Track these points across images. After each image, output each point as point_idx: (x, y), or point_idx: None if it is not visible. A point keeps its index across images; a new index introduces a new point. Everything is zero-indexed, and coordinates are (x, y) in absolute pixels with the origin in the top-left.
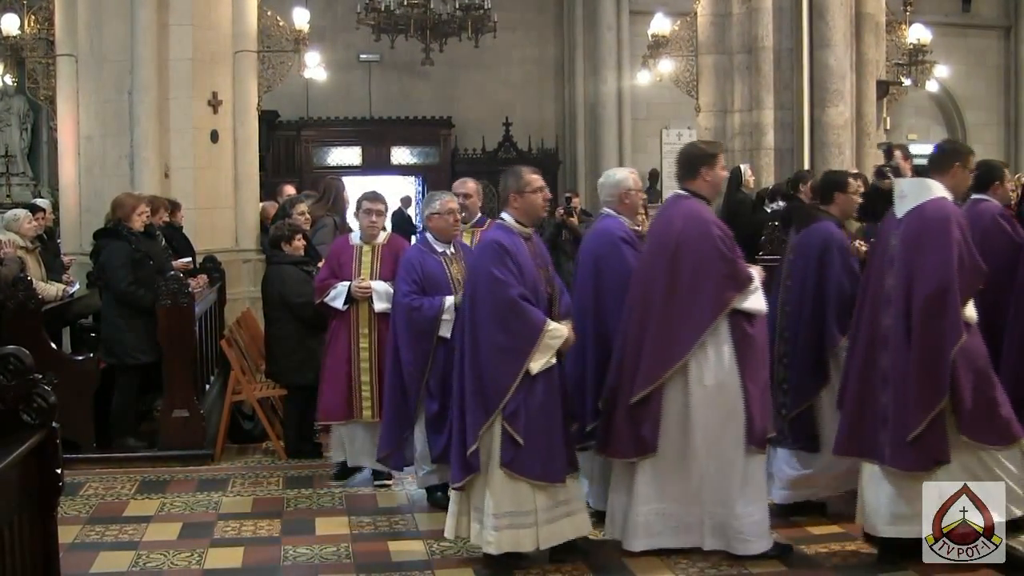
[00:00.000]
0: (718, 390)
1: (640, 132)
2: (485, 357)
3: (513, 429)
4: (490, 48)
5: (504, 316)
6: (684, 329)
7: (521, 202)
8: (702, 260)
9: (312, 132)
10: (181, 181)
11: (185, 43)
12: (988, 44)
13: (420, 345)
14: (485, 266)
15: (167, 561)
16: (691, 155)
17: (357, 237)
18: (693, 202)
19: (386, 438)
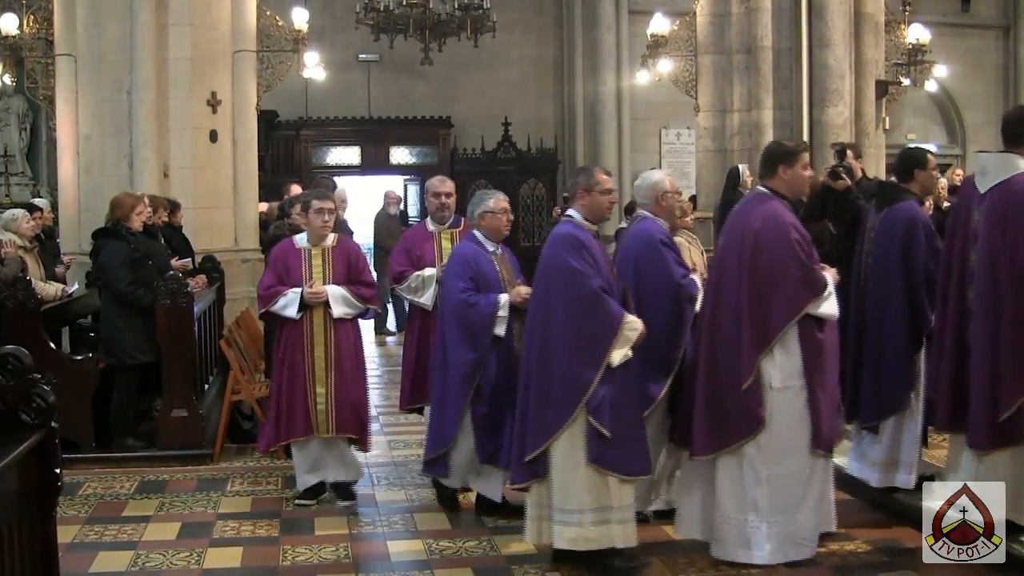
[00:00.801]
0: (785, 394)
1: (639, 132)
2: (564, 351)
3: (599, 423)
4: (489, 48)
5: (584, 308)
6: (761, 328)
7: (589, 200)
8: (778, 263)
9: (311, 132)
10: (180, 181)
11: (184, 43)
12: (987, 44)
13: (474, 343)
14: (562, 259)
15: (166, 561)
16: (772, 152)
17: (303, 240)
18: (773, 202)
19: (433, 441)
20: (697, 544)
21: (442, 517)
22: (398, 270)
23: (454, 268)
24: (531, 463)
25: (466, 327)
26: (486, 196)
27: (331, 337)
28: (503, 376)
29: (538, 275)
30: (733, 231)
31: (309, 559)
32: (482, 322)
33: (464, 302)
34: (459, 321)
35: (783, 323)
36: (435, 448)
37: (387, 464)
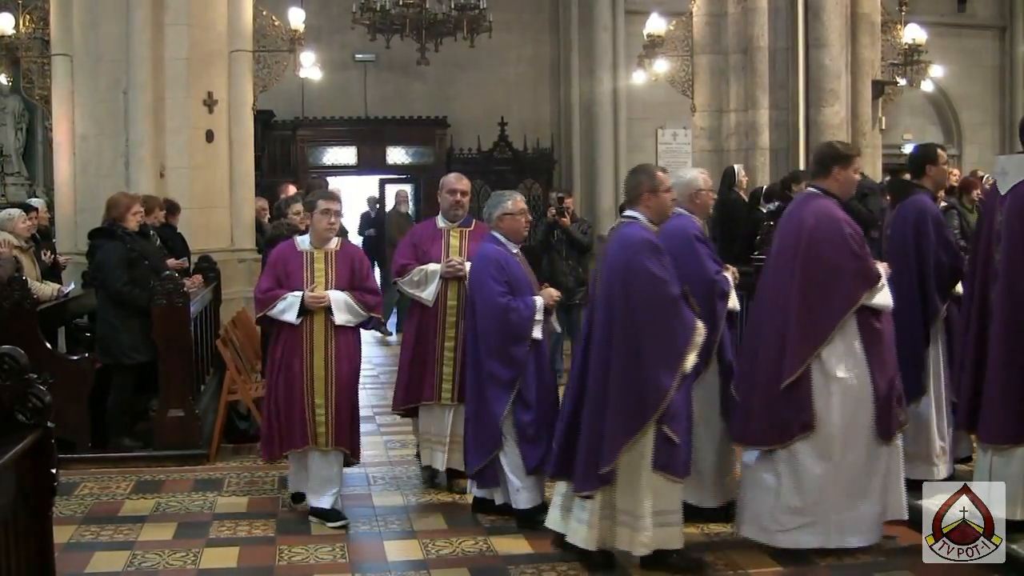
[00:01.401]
0: (848, 383)
1: (636, 132)
2: (644, 358)
3: (671, 430)
4: (486, 48)
5: (666, 315)
6: (817, 323)
7: (655, 201)
8: (834, 257)
9: (308, 132)
10: (176, 181)
11: (181, 43)
12: (983, 44)
13: (516, 349)
14: (640, 264)
15: (162, 561)
16: (826, 154)
17: (306, 242)
18: (825, 201)
19: (476, 452)
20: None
21: (438, 517)
22: (401, 263)
23: (489, 271)
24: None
25: (508, 332)
26: (504, 198)
27: (331, 345)
28: (539, 380)
29: (608, 279)
30: (786, 230)
31: (305, 559)
32: (523, 327)
33: (505, 306)
34: (500, 326)
35: (841, 315)
36: (483, 457)
37: (384, 464)
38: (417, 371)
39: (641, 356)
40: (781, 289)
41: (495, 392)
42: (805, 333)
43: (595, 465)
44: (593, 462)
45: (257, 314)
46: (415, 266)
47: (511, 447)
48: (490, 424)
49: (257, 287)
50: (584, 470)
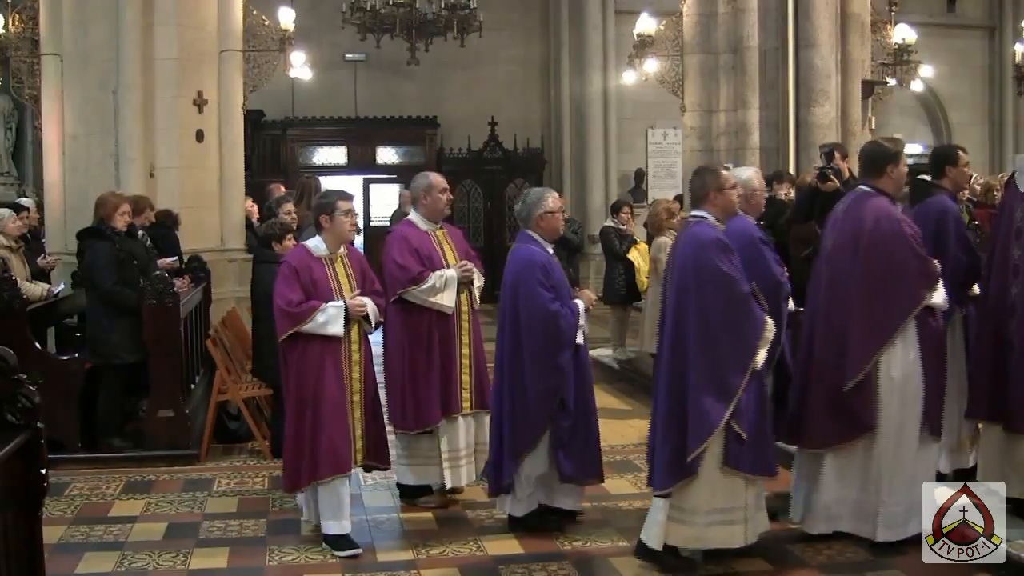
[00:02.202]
0: (904, 382)
1: (626, 131)
2: (717, 356)
3: (739, 426)
4: (476, 48)
5: (737, 313)
6: (881, 323)
7: (721, 199)
8: (896, 257)
9: (298, 132)
10: (166, 181)
11: (170, 42)
12: (973, 44)
13: (562, 356)
14: (711, 262)
15: (152, 561)
16: (877, 154)
17: (321, 247)
18: (881, 200)
19: (507, 465)
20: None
21: (428, 518)
22: (416, 271)
23: (535, 276)
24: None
25: (556, 340)
26: (544, 195)
27: (364, 356)
28: (579, 385)
29: (679, 279)
30: (844, 230)
31: (296, 559)
32: (570, 333)
33: (556, 313)
34: (549, 334)
35: (906, 315)
36: (509, 473)
37: None
38: (438, 383)
39: (713, 354)
40: (839, 289)
41: (540, 398)
42: (869, 334)
43: (675, 464)
44: (671, 461)
45: (288, 329)
46: (428, 273)
47: (542, 453)
48: (530, 432)
49: (283, 300)
50: (661, 470)
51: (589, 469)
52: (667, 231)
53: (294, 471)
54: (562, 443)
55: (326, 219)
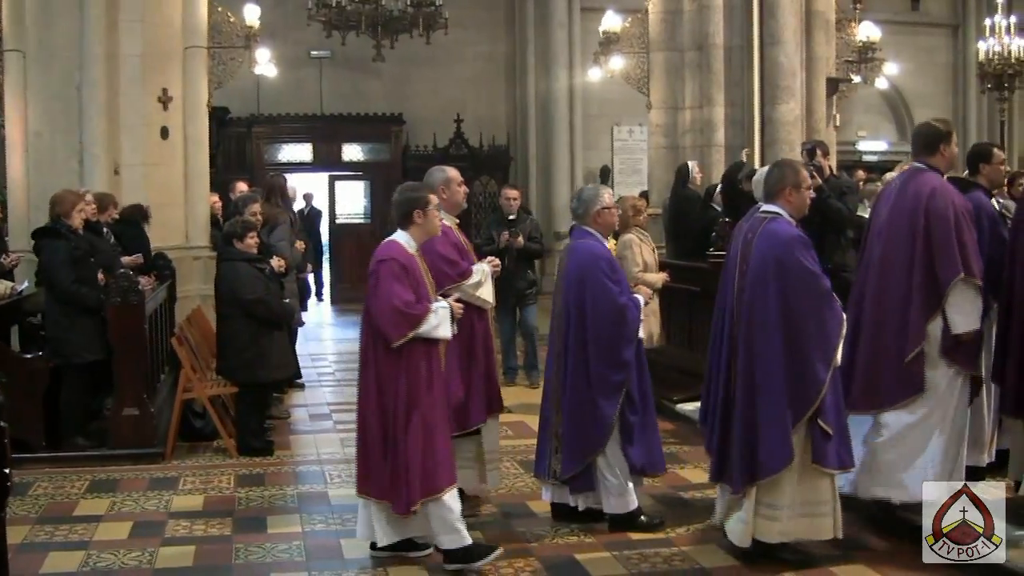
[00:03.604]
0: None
1: (591, 129)
2: (801, 351)
3: (824, 422)
4: (442, 45)
5: (819, 309)
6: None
7: (796, 197)
8: (952, 231)
9: (263, 129)
10: (131, 178)
11: (135, 39)
12: (937, 42)
13: (628, 350)
14: (795, 259)
15: (117, 561)
16: (930, 134)
17: (412, 243)
18: (934, 175)
19: (573, 458)
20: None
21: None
22: (465, 267)
23: (602, 269)
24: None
25: (624, 334)
26: (600, 192)
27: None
28: (641, 380)
29: (756, 275)
30: (900, 206)
31: (262, 558)
32: (636, 327)
33: (624, 307)
34: (617, 328)
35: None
36: (581, 462)
37: (340, 461)
38: (483, 381)
39: (798, 350)
40: (896, 264)
41: (605, 395)
42: (929, 305)
43: (752, 463)
44: (749, 460)
45: (408, 333)
46: (468, 267)
47: (613, 449)
48: (598, 428)
49: (399, 301)
50: (741, 469)
51: (658, 463)
52: (633, 228)
53: (407, 487)
54: (631, 438)
55: (419, 214)
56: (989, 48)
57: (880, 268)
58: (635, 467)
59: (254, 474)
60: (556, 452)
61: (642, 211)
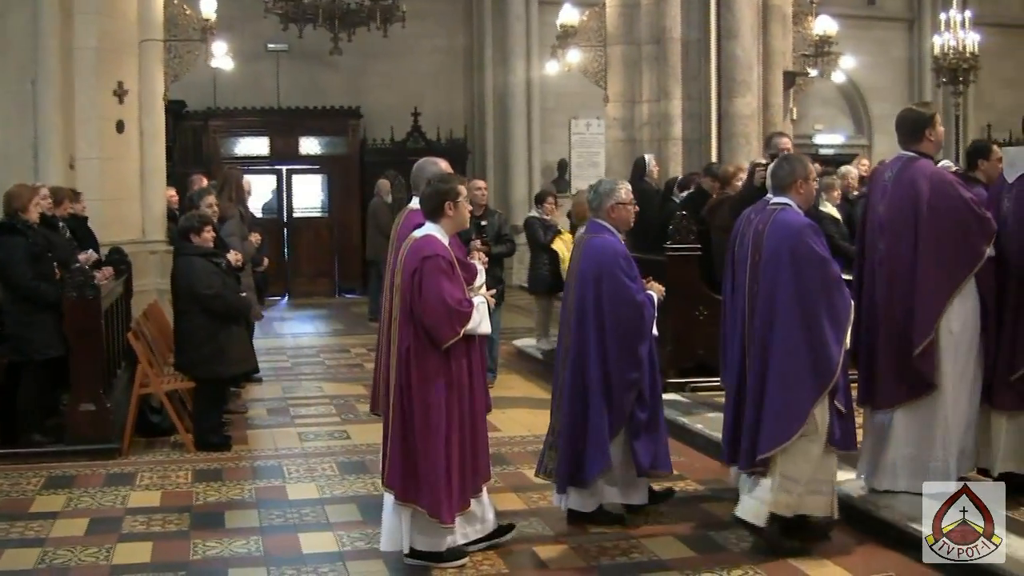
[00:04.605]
0: (962, 332)
1: (549, 122)
2: (815, 335)
3: (839, 402)
4: (399, 38)
5: (831, 294)
6: (945, 281)
7: (806, 189)
8: (959, 219)
9: (220, 122)
10: (87, 172)
11: (90, 31)
12: (893, 36)
13: (643, 347)
14: (808, 246)
15: (74, 557)
16: (913, 120)
17: (444, 236)
18: (928, 163)
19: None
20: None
21: (353, 508)
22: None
23: (620, 265)
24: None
25: (641, 331)
26: (617, 186)
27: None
28: (652, 377)
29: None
30: (896, 199)
31: (220, 553)
32: (651, 324)
33: (642, 303)
34: (635, 325)
35: (969, 270)
36: (599, 467)
37: (298, 456)
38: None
39: (811, 334)
40: (901, 256)
41: (623, 393)
42: (937, 295)
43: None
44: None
45: (459, 331)
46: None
47: (618, 446)
48: (613, 424)
49: (452, 299)
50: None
51: (663, 461)
52: None
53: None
54: (639, 435)
55: (450, 206)
56: (944, 42)
57: (888, 263)
58: (641, 466)
59: (212, 469)
60: (551, 449)
61: None
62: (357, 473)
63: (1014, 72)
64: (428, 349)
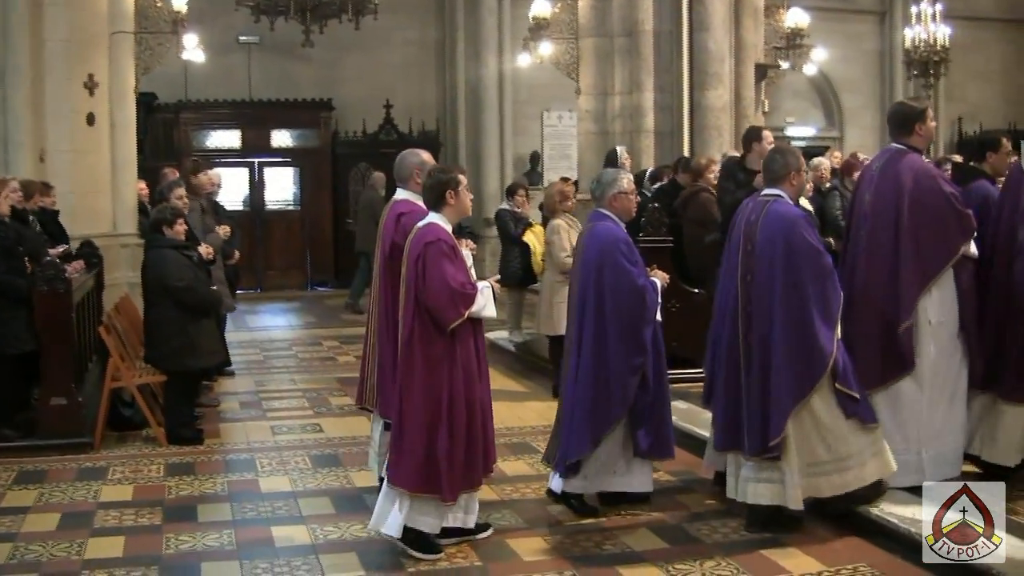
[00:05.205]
0: (939, 328)
1: (521, 114)
2: (809, 324)
3: (845, 386)
4: (371, 30)
5: (823, 284)
6: (921, 272)
7: (799, 180)
8: (938, 211)
9: (191, 115)
10: (57, 165)
11: (60, 24)
12: (864, 29)
13: (646, 333)
14: (802, 237)
15: (46, 552)
16: (904, 113)
17: (447, 223)
18: (916, 156)
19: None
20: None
21: (326, 501)
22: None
23: (621, 251)
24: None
25: (643, 316)
26: (620, 176)
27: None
28: (655, 362)
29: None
30: (882, 189)
31: (193, 547)
32: (654, 310)
33: (644, 288)
34: (637, 310)
35: (946, 263)
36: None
37: (271, 449)
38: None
39: (805, 323)
40: (883, 243)
41: (626, 378)
42: (918, 279)
43: (765, 430)
44: (762, 427)
45: (463, 313)
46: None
47: (620, 431)
48: (613, 412)
49: (456, 282)
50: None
51: (665, 447)
52: (561, 214)
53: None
54: (641, 421)
55: (452, 194)
56: (915, 35)
57: (868, 252)
58: (640, 449)
59: (184, 463)
60: (555, 436)
61: (569, 197)
62: (330, 466)
63: (984, 65)
64: (434, 334)
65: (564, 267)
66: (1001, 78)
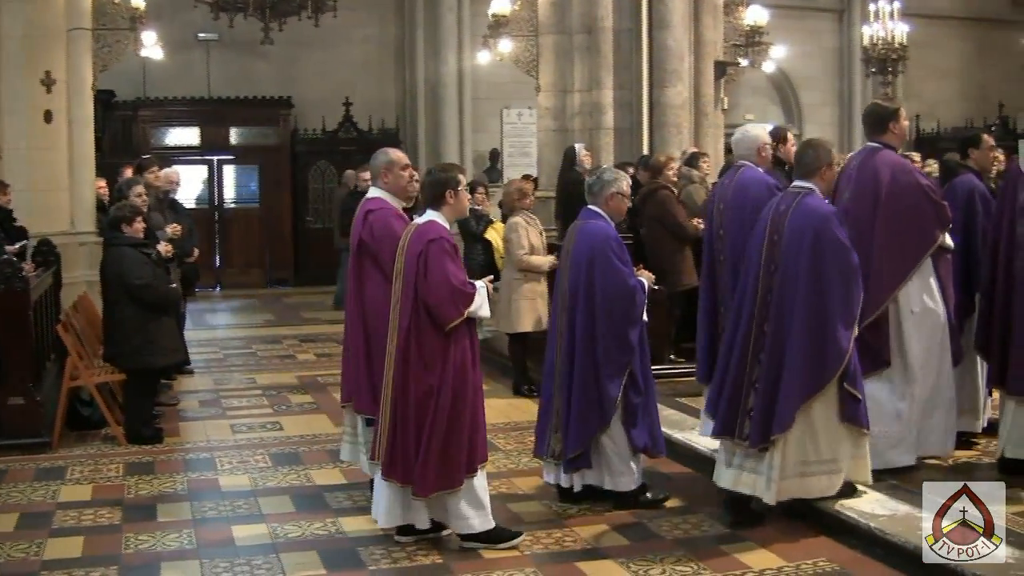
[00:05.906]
0: (923, 316)
1: (481, 112)
2: (830, 321)
3: (853, 388)
4: (331, 28)
5: (848, 281)
6: (899, 263)
7: (829, 175)
8: (915, 204)
9: (149, 112)
10: (14, 163)
11: (17, 19)
12: (823, 26)
13: (633, 332)
14: (832, 234)
15: (3, 553)
16: (878, 113)
17: (445, 222)
18: (890, 153)
19: (578, 437)
20: None
21: (286, 500)
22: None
23: (612, 250)
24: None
25: (631, 315)
26: (620, 177)
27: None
28: (642, 361)
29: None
30: (860, 184)
31: (152, 546)
32: (642, 309)
33: (634, 288)
34: (626, 309)
35: (923, 254)
36: (584, 441)
37: (231, 448)
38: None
39: (826, 319)
40: (860, 237)
41: (610, 376)
42: (890, 275)
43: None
44: (767, 419)
45: (464, 312)
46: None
47: (617, 429)
48: (603, 407)
49: (457, 280)
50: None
51: (659, 444)
52: (519, 211)
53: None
54: (634, 418)
55: (451, 194)
56: (873, 33)
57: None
58: (637, 448)
59: (143, 462)
60: (556, 432)
61: (528, 194)
62: (290, 464)
63: (942, 63)
64: (430, 331)
65: (522, 265)
66: (959, 75)
